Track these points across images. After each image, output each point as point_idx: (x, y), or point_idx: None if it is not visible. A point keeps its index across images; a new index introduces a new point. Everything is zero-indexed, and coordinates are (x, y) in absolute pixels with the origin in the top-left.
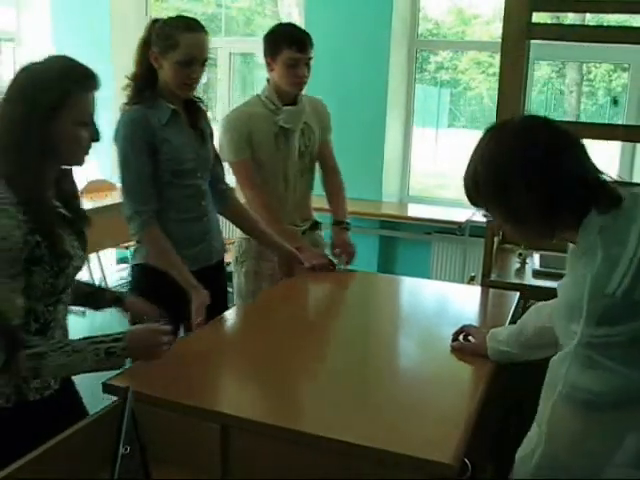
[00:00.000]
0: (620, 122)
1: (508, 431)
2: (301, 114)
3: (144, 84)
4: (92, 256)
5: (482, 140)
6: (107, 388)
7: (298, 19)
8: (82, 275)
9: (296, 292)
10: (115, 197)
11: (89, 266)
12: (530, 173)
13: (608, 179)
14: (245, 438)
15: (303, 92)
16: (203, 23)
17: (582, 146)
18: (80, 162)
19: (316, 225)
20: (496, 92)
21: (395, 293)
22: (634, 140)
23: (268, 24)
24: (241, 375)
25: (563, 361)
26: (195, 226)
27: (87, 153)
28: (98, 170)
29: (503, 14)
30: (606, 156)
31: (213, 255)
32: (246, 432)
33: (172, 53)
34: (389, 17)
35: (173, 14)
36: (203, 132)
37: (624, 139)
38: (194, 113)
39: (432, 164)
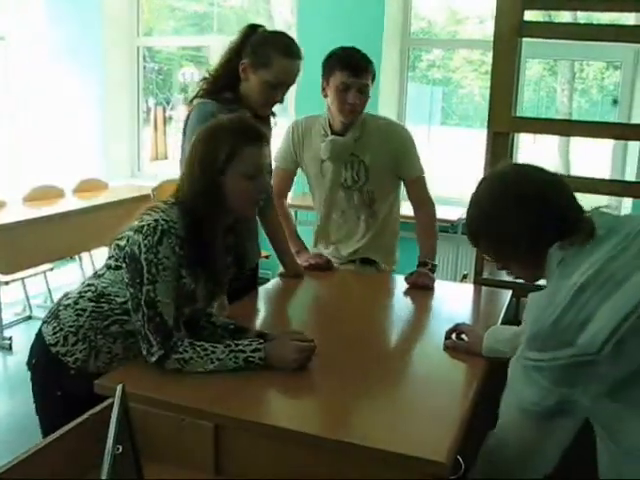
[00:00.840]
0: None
1: None
2: (345, 147)
3: (224, 86)
4: (84, 255)
5: (476, 189)
6: (99, 387)
7: (290, 17)
8: (75, 275)
9: (290, 291)
10: (107, 196)
11: (81, 265)
12: (519, 221)
13: (591, 213)
14: (238, 437)
15: (384, 119)
16: (194, 21)
17: (567, 188)
18: (249, 215)
19: (369, 263)
20: (488, 90)
21: (387, 291)
22: (626, 138)
23: (260, 23)
24: (234, 374)
25: (517, 370)
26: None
27: (258, 205)
28: (91, 169)
29: (495, 12)
30: (598, 154)
31: (254, 258)
32: (239, 431)
33: (263, 71)
34: (381, 16)
35: (165, 11)
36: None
37: (616, 137)
38: (261, 122)
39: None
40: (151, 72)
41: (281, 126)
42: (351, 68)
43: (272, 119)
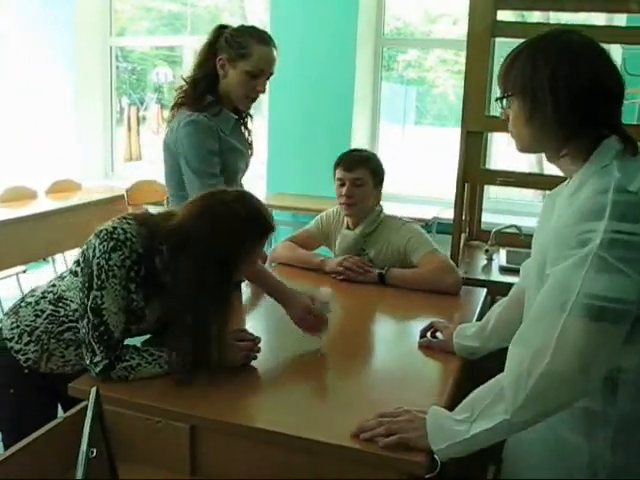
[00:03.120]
0: None
1: None
2: (354, 242)
3: (204, 89)
4: (58, 257)
5: (536, 43)
6: (73, 390)
7: (265, 17)
8: (48, 277)
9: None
10: (80, 197)
11: (54, 267)
12: (564, 95)
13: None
14: (214, 438)
15: (399, 220)
16: (168, 21)
17: (623, 93)
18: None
19: None
20: (461, 90)
21: (361, 290)
22: None
23: (234, 23)
24: (208, 375)
25: (579, 266)
26: None
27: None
28: (64, 170)
29: (468, 12)
30: None
31: None
32: (215, 432)
33: (243, 62)
34: (355, 16)
35: (138, 12)
36: (251, 140)
37: None
38: (244, 119)
39: (399, 162)
40: (124, 72)
41: (256, 125)
42: (344, 164)
43: (250, 121)
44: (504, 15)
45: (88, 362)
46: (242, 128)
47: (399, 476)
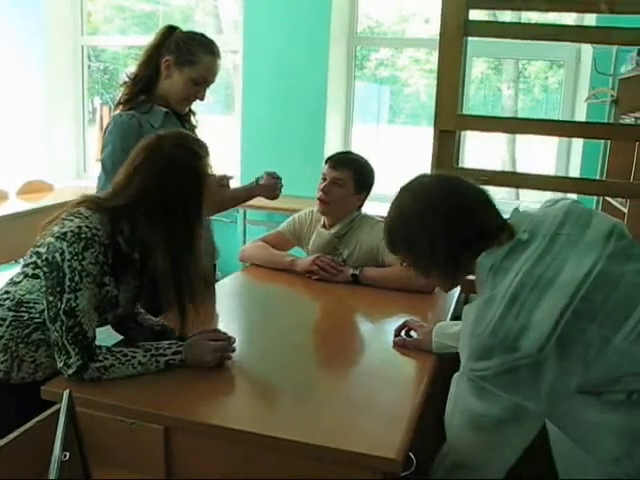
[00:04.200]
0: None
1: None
2: (328, 241)
3: (142, 87)
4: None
5: (396, 197)
6: (46, 393)
7: (238, 16)
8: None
9: (236, 288)
10: (53, 198)
11: None
12: (435, 229)
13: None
14: (189, 439)
15: (377, 220)
16: (140, 20)
17: (486, 195)
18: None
19: None
20: (433, 88)
21: (335, 289)
22: (569, 135)
23: (207, 22)
24: (182, 376)
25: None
26: None
27: None
28: (35, 170)
29: (440, 11)
30: (544, 151)
31: (215, 254)
32: (190, 433)
33: (189, 68)
34: (328, 15)
35: (110, 11)
36: (193, 131)
37: (561, 135)
38: (185, 122)
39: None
40: (96, 72)
41: (229, 124)
42: (331, 161)
43: (193, 118)
44: (476, 14)
45: (61, 365)
46: (180, 123)
47: (375, 475)
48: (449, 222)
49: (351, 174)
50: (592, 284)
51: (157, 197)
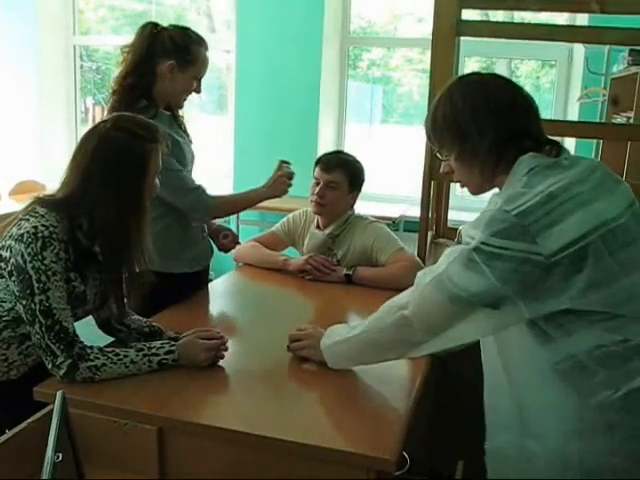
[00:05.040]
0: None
1: (440, 420)
2: (323, 242)
3: (139, 94)
4: None
5: (447, 89)
6: (38, 394)
7: (231, 16)
8: None
9: (229, 288)
10: None
11: None
12: (487, 120)
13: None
14: (182, 440)
15: (368, 221)
16: (133, 20)
17: (536, 109)
18: None
19: None
20: (426, 88)
21: (328, 289)
22: (562, 135)
23: (200, 21)
24: (175, 377)
25: (452, 257)
26: (195, 227)
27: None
28: (27, 171)
29: (433, 11)
30: None
31: (209, 255)
32: (183, 434)
33: (192, 68)
34: (321, 14)
35: (102, 10)
36: (187, 132)
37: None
38: (177, 117)
39: (365, 160)
40: (89, 71)
41: (222, 125)
42: (322, 164)
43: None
44: (469, 14)
45: (51, 366)
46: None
47: (369, 474)
48: (501, 116)
49: (344, 176)
50: (621, 225)
51: (96, 176)
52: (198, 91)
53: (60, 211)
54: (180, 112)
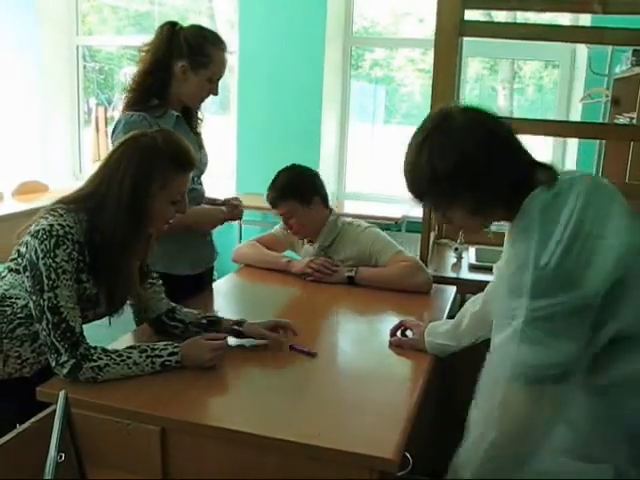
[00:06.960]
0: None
1: (442, 420)
2: (315, 257)
3: (154, 92)
4: None
5: (426, 137)
6: (41, 394)
7: (233, 16)
8: None
9: (231, 289)
10: (48, 199)
11: None
12: (476, 170)
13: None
14: (185, 440)
15: (357, 226)
16: (136, 21)
17: (513, 134)
18: (159, 230)
19: None
20: (428, 88)
21: (330, 289)
22: (565, 135)
23: (202, 22)
24: (178, 377)
25: (511, 340)
26: None
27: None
28: (30, 171)
29: (436, 12)
30: (539, 148)
31: (213, 257)
32: (186, 434)
33: (205, 70)
34: (323, 15)
35: (106, 10)
36: (200, 137)
37: (556, 134)
38: (192, 118)
39: (368, 160)
40: (92, 72)
41: (225, 125)
42: (269, 201)
43: (199, 124)
44: (471, 15)
45: (54, 364)
46: (187, 125)
47: (371, 475)
48: (508, 153)
49: (290, 201)
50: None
51: (116, 184)
52: (215, 93)
53: (80, 212)
54: (199, 114)
